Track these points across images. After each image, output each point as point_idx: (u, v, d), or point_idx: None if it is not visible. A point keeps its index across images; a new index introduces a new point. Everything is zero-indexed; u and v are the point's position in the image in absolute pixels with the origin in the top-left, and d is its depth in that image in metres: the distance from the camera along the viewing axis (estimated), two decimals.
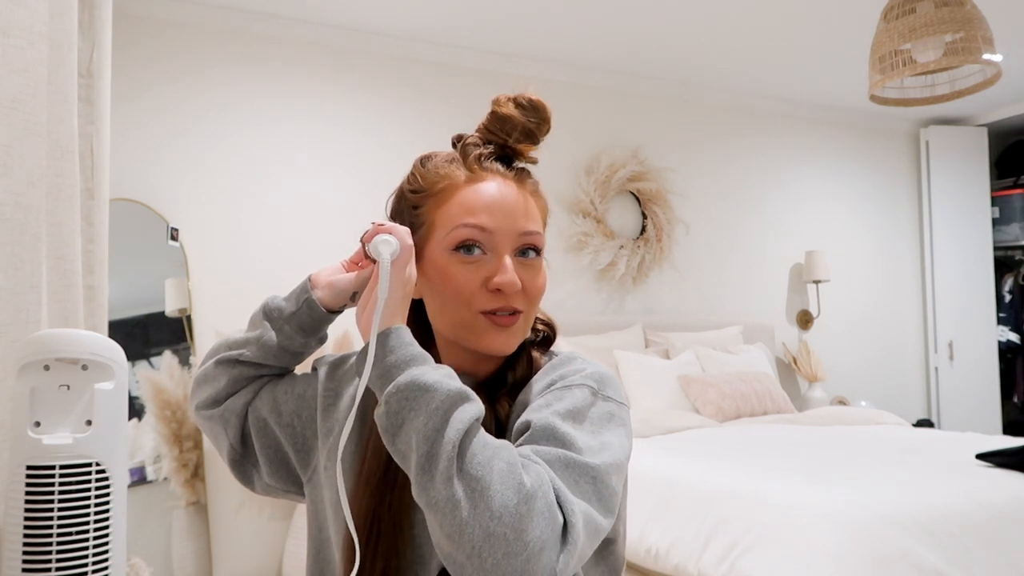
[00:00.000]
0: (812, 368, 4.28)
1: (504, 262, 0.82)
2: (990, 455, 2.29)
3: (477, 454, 0.67)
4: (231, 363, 0.94)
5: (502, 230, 0.83)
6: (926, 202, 4.86)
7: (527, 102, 0.85)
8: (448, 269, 0.83)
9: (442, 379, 0.71)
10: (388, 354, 0.74)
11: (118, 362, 0.99)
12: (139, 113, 3.06)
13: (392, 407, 0.71)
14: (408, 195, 0.89)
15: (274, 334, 0.91)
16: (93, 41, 1.41)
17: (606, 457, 0.75)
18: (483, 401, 0.83)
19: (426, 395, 0.69)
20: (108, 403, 0.96)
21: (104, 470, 0.94)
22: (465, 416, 0.69)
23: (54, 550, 0.89)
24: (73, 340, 0.97)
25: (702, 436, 2.93)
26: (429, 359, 0.75)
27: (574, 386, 0.81)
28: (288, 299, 0.92)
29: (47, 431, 0.92)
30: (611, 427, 0.79)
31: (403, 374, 0.72)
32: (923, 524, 1.83)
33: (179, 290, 3.04)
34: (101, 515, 0.93)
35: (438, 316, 0.87)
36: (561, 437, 0.73)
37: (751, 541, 1.93)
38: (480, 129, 0.88)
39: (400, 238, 0.79)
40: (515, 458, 0.68)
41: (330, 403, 0.94)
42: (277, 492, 0.99)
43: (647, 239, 4.03)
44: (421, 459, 0.68)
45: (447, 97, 3.62)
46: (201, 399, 0.97)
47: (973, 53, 2.31)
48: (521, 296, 0.84)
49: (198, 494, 2.95)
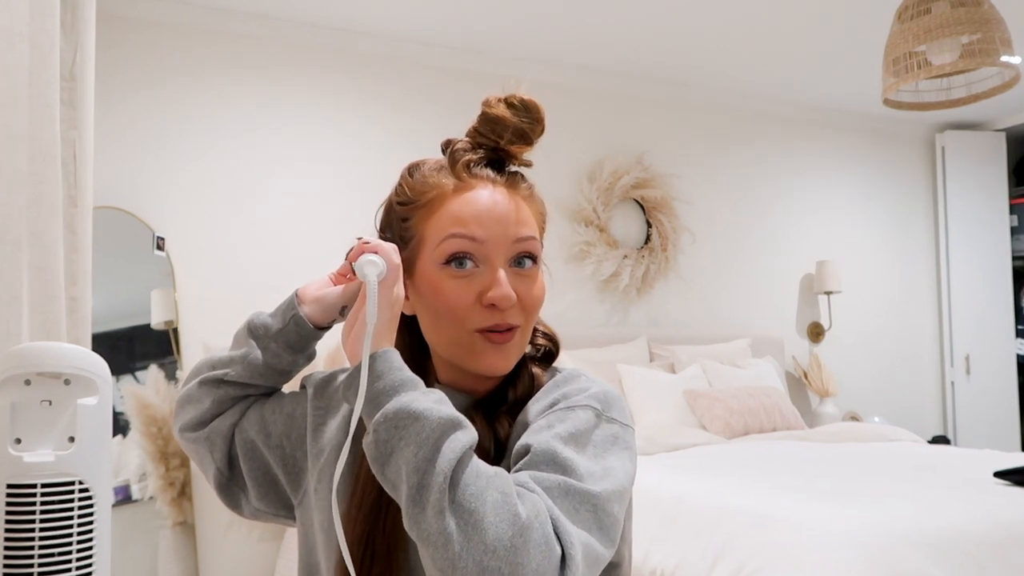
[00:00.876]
0: (823, 383, 4.27)
1: (498, 275, 0.81)
2: (1008, 473, 2.27)
3: (470, 485, 0.66)
4: (216, 383, 0.92)
5: (494, 239, 0.81)
6: (942, 210, 4.86)
7: (519, 102, 0.83)
8: (440, 284, 0.82)
9: (432, 406, 0.70)
10: (376, 380, 0.73)
11: (102, 376, 1.01)
12: (124, 117, 3.04)
13: (381, 436, 0.69)
14: (396, 207, 0.87)
15: (260, 352, 0.90)
16: (76, 42, 1.38)
17: (608, 484, 0.74)
18: (482, 420, 0.84)
19: (416, 424, 0.68)
20: (92, 419, 0.97)
21: (87, 489, 0.95)
22: (457, 445, 0.68)
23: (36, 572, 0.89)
24: (55, 353, 0.97)
25: (709, 453, 2.93)
26: (419, 383, 0.74)
27: (577, 407, 0.79)
28: (274, 315, 0.91)
29: (28, 448, 0.93)
30: (614, 451, 0.79)
31: (392, 401, 0.71)
32: (939, 544, 1.83)
33: (165, 301, 3.03)
34: (84, 536, 0.93)
35: (432, 334, 0.86)
36: (562, 462, 0.73)
37: (760, 562, 1.92)
38: (470, 132, 0.86)
39: (387, 257, 0.77)
40: (510, 488, 0.68)
41: (320, 423, 0.93)
42: (266, 516, 0.97)
43: (652, 248, 4.01)
44: (411, 491, 0.67)
45: (445, 102, 3.61)
46: (185, 421, 0.95)
47: (991, 55, 2.29)
48: (517, 310, 0.82)
49: (185, 514, 2.93)
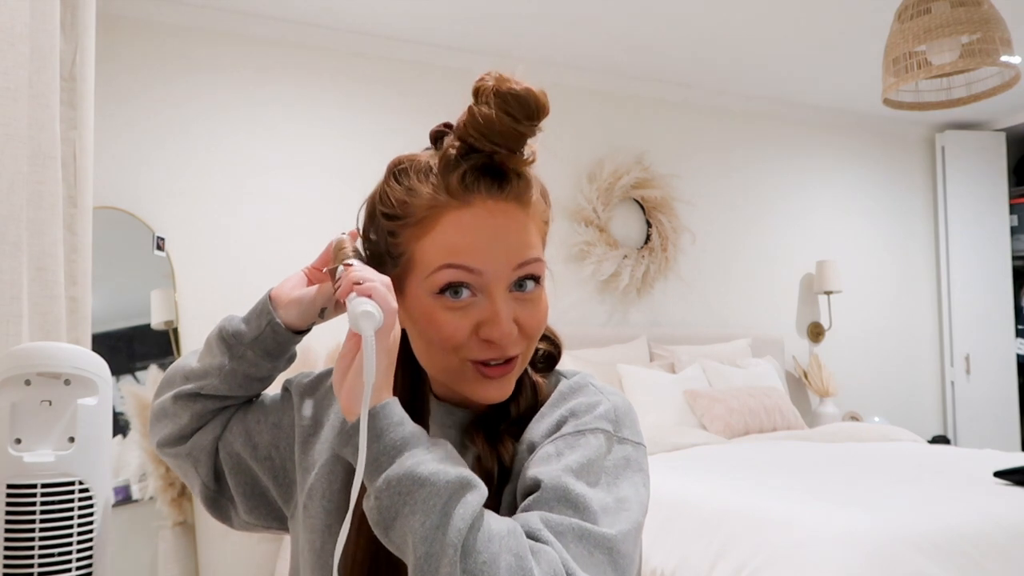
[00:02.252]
0: (823, 382, 4.26)
1: (498, 309, 0.73)
2: (1009, 473, 2.26)
3: (482, 552, 0.62)
4: (191, 397, 0.86)
5: (494, 269, 0.73)
6: (942, 210, 4.85)
7: (512, 97, 0.70)
8: (433, 315, 0.74)
9: (438, 468, 0.65)
10: (375, 440, 0.66)
11: (102, 376, 1.00)
12: (124, 118, 3.04)
13: (384, 502, 0.64)
14: (382, 220, 0.77)
15: (236, 363, 0.83)
16: (76, 43, 1.38)
17: (623, 523, 0.70)
18: (483, 440, 0.78)
19: (421, 490, 0.63)
20: (91, 419, 0.96)
21: (87, 489, 0.94)
22: (467, 511, 0.63)
23: (36, 572, 0.88)
24: (55, 354, 0.96)
25: (709, 453, 2.92)
26: (423, 438, 0.67)
27: (587, 432, 0.74)
28: (247, 320, 0.84)
29: (28, 448, 0.92)
30: (627, 475, 0.74)
31: (395, 464, 0.65)
32: (939, 544, 1.82)
33: (165, 301, 3.03)
34: (84, 536, 0.93)
35: (423, 356, 0.79)
36: (574, 500, 0.68)
37: (760, 562, 1.90)
38: (460, 130, 0.73)
39: (382, 302, 0.68)
40: (524, 549, 0.64)
41: (309, 434, 0.87)
42: (257, 528, 0.92)
43: (652, 248, 4.01)
44: (420, 560, 0.63)
45: (441, 101, 3.59)
46: (163, 436, 0.89)
47: (991, 55, 2.29)
48: (518, 340, 0.76)
49: (185, 514, 2.92)
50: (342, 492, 0.82)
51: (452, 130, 0.76)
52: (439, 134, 0.79)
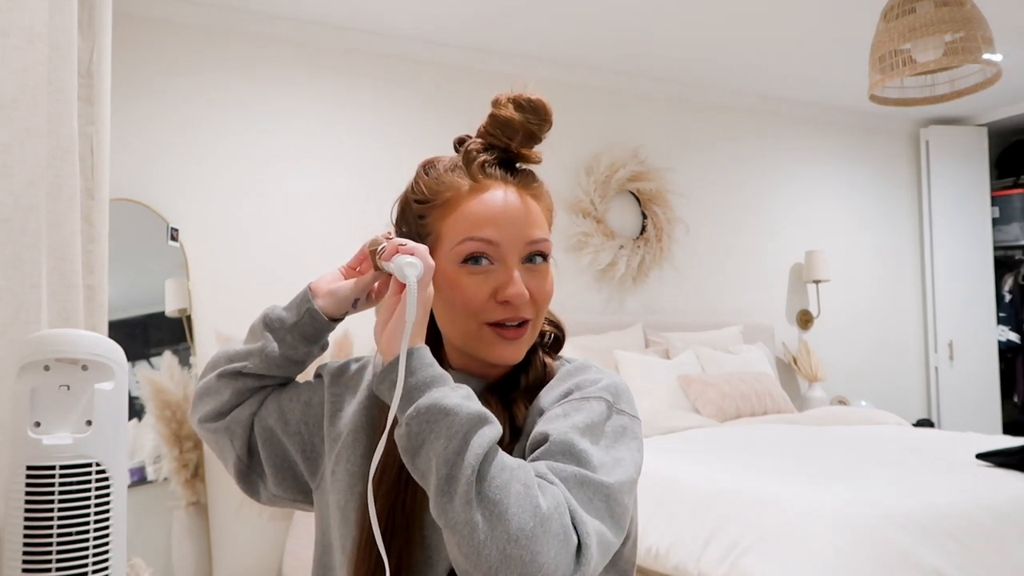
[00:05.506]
0: (812, 368, 4.29)
1: (513, 274, 0.84)
2: (990, 455, 2.30)
3: (495, 477, 0.69)
4: (234, 375, 0.94)
5: (509, 241, 0.84)
6: (926, 202, 4.86)
7: (527, 103, 0.85)
8: (457, 280, 0.84)
9: (462, 402, 0.72)
10: (409, 375, 0.75)
11: (118, 362, 1.01)
12: (139, 113, 3.06)
13: (413, 429, 0.72)
14: (413, 204, 0.89)
15: (276, 345, 0.92)
16: (93, 41, 1.41)
17: (619, 475, 0.77)
18: (497, 403, 0.87)
19: (447, 418, 0.71)
20: (108, 403, 0.97)
21: (104, 470, 0.95)
22: (484, 440, 0.70)
23: (54, 550, 0.90)
24: (73, 340, 0.97)
25: (702, 436, 2.93)
26: (448, 379, 0.76)
27: (591, 398, 0.82)
28: (288, 309, 0.93)
29: (47, 431, 0.93)
30: (624, 441, 0.82)
31: (424, 396, 0.73)
32: (923, 524, 1.84)
33: (179, 290, 3.05)
34: (101, 515, 0.94)
35: (446, 324, 0.88)
36: (578, 454, 0.75)
37: (751, 541, 1.94)
38: (481, 132, 0.88)
39: (423, 258, 0.79)
40: (532, 480, 0.70)
41: (337, 409, 0.95)
42: (283, 502, 0.99)
43: (647, 239, 4.04)
44: (440, 481, 0.69)
45: (447, 96, 3.63)
46: (204, 412, 0.96)
47: (973, 53, 2.31)
48: (529, 304, 0.85)
49: (198, 494, 2.95)
50: (364, 457, 0.90)
51: (473, 136, 0.90)
52: (462, 140, 0.91)
